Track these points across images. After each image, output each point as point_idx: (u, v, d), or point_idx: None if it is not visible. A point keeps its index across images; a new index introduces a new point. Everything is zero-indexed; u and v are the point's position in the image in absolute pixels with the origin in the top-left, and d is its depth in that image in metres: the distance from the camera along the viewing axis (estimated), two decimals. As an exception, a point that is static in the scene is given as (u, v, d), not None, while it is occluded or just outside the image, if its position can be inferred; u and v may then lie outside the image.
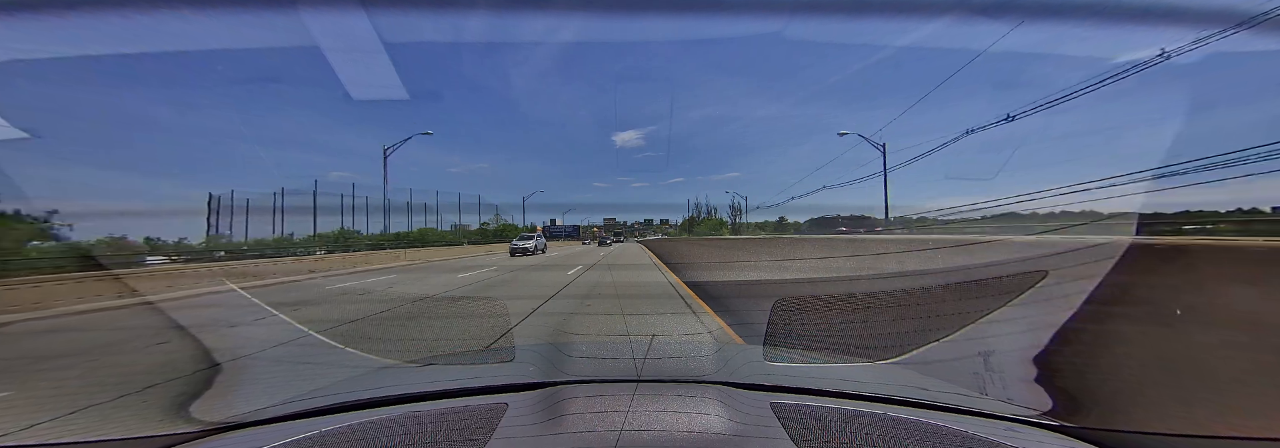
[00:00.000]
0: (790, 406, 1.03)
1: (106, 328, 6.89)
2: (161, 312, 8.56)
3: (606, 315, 6.68)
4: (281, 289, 11.52)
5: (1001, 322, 3.95)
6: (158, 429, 1.72)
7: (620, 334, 5.59)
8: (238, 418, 1.13)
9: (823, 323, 5.48)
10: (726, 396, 1.07)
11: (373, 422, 1.00)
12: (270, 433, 1.00)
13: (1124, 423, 2.58)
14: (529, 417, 0.97)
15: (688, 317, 6.58)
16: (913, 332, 4.59)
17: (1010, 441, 0.89)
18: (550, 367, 1.53)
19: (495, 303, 8.26)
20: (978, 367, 3.27)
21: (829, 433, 0.87)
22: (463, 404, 1.10)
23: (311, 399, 1.27)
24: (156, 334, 6.18)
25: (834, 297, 6.20)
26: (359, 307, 7.81)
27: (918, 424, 0.95)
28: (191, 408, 3.29)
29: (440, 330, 5.87)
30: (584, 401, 1.02)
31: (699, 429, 0.87)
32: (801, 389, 1.21)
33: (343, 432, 0.94)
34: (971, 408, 1.14)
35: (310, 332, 6.03)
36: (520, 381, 1.26)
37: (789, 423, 0.91)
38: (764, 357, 1.92)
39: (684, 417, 0.93)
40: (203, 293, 11.09)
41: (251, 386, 3.96)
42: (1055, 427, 1.06)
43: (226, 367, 4.59)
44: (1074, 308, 2.85)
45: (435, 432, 0.90)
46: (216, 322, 6.97)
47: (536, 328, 5.91)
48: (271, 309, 7.82)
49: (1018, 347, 3.47)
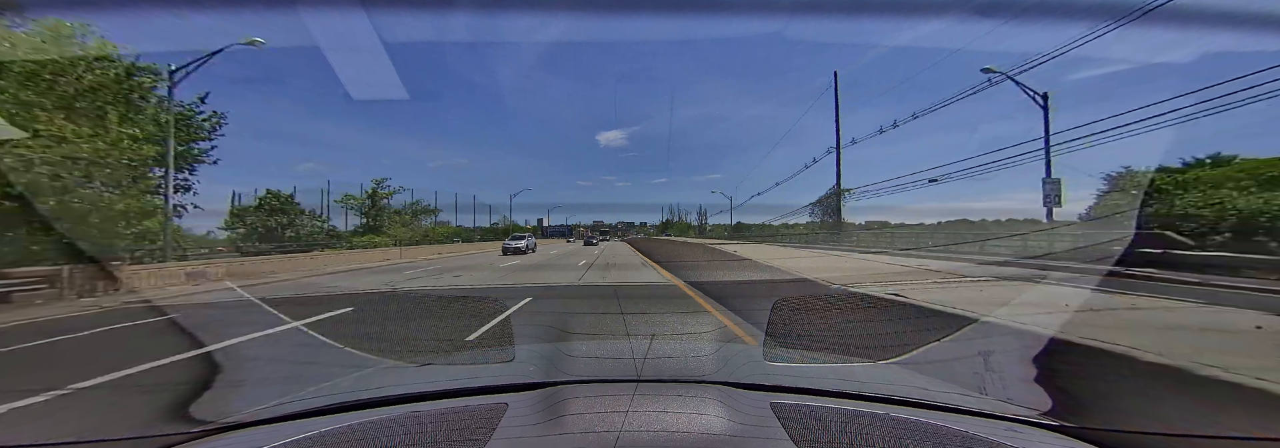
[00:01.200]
0: (790, 406, 1.03)
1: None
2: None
3: (603, 269, 13.64)
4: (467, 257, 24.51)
5: (1002, 322, 3.95)
6: (158, 429, 1.72)
7: (619, 332, 5.61)
8: (238, 418, 1.13)
9: (822, 323, 5.49)
10: (726, 396, 1.07)
11: (372, 422, 0.99)
12: (270, 433, 1.00)
13: (1124, 423, 2.59)
14: (529, 417, 0.97)
15: (649, 269, 16.31)
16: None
17: (1010, 441, 0.89)
18: (550, 367, 1.53)
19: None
20: (978, 367, 3.28)
21: (829, 433, 0.87)
22: (462, 404, 1.09)
23: (311, 399, 1.27)
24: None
25: (834, 297, 6.22)
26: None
27: (918, 424, 0.95)
28: (191, 408, 3.29)
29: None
30: (584, 401, 1.02)
31: (699, 430, 0.87)
32: (801, 389, 1.21)
33: (342, 432, 0.94)
34: (971, 408, 1.14)
35: (312, 333, 6.03)
36: (520, 381, 1.26)
37: (789, 423, 0.91)
38: (764, 357, 1.92)
39: (684, 417, 0.93)
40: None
41: (251, 386, 3.97)
42: (1055, 427, 1.06)
43: (227, 367, 4.59)
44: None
45: (435, 432, 0.89)
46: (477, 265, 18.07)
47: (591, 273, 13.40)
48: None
49: (1017, 347, 3.47)
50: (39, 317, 7.96)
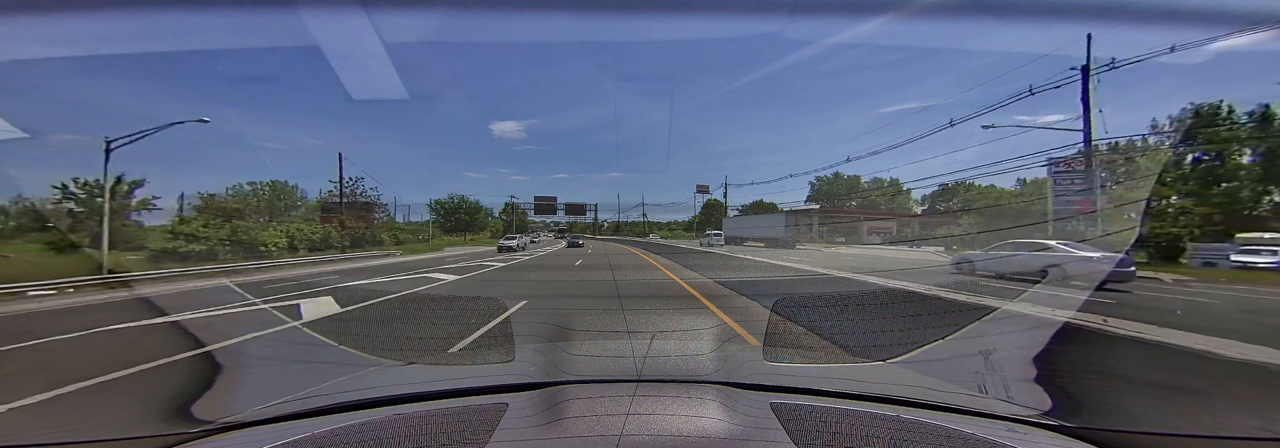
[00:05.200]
0: (790, 406, 1.03)
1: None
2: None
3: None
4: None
5: (1001, 321, 3.94)
6: (158, 429, 1.72)
7: (619, 330, 5.61)
8: (238, 418, 1.13)
9: (821, 321, 5.50)
10: (726, 396, 1.06)
11: (372, 422, 0.99)
12: (270, 433, 1.00)
13: (1124, 423, 2.58)
14: (529, 417, 0.96)
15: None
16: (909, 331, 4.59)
17: (1010, 441, 0.89)
18: (550, 366, 1.53)
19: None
20: (978, 367, 3.27)
21: (829, 433, 0.86)
22: (463, 404, 1.09)
23: (311, 399, 1.26)
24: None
25: (833, 297, 6.23)
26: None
27: (918, 424, 0.95)
28: (192, 408, 3.28)
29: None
30: (584, 401, 1.02)
31: (699, 430, 0.87)
32: (801, 389, 1.21)
33: (342, 432, 0.94)
34: (971, 408, 1.14)
35: (314, 334, 6.03)
36: (520, 381, 1.26)
37: (789, 423, 0.91)
38: (764, 357, 1.92)
39: (684, 417, 0.92)
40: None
41: (251, 385, 3.96)
42: (1055, 427, 1.06)
43: (227, 366, 4.58)
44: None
45: (435, 432, 0.89)
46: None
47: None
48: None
49: (1017, 346, 3.46)
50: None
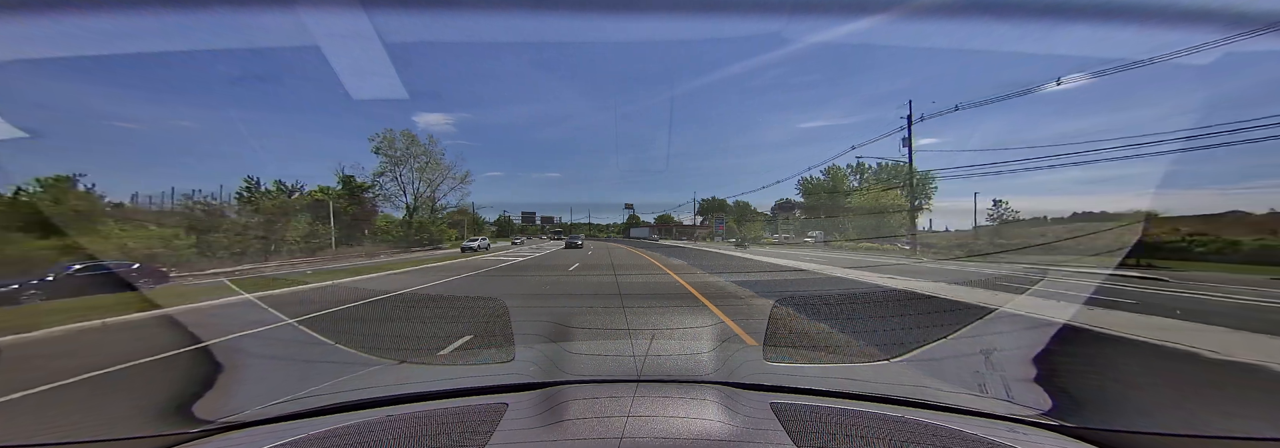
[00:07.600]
0: (790, 406, 1.03)
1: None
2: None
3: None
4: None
5: (1001, 321, 3.95)
6: (158, 429, 1.72)
7: (619, 328, 5.61)
8: (238, 418, 1.13)
9: (821, 321, 5.49)
10: (726, 395, 1.06)
11: (372, 422, 0.99)
12: (270, 433, 1.00)
13: (1124, 423, 2.58)
14: (529, 417, 0.96)
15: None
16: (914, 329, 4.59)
17: (1010, 441, 0.89)
18: (550, 366, 1.52)
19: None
20: (978, 366, 3.27)
21: (828, 433, 0.86)
22: (463, 404, 1.09)
23: (311, 399, 1.26)
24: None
25: (832, 296, 6.22)
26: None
27: (917, 424, 0.95)
28: (192, 408, 3.28)
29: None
30: (584, 401, 1.01)
31: (699, 430, 0.87)
32: (801, 389, 1.21)
33: (342, 432, 0.93)
34: (971, 408, 1.14)
35: (315, 334, 6.03)
36: (520, 381, 1.26)
37: (789, 423, 0.91)
38: (764, 356, 1.92)
39: (684, 417, 0.92)
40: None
41: (251, 386, 3.96)
42: (1055, 427, 1.06)
43: (227, 366, 4.58)
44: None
45: (435, 432, 0.89)
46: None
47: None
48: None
49: (1018, 346, 3.46)
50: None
